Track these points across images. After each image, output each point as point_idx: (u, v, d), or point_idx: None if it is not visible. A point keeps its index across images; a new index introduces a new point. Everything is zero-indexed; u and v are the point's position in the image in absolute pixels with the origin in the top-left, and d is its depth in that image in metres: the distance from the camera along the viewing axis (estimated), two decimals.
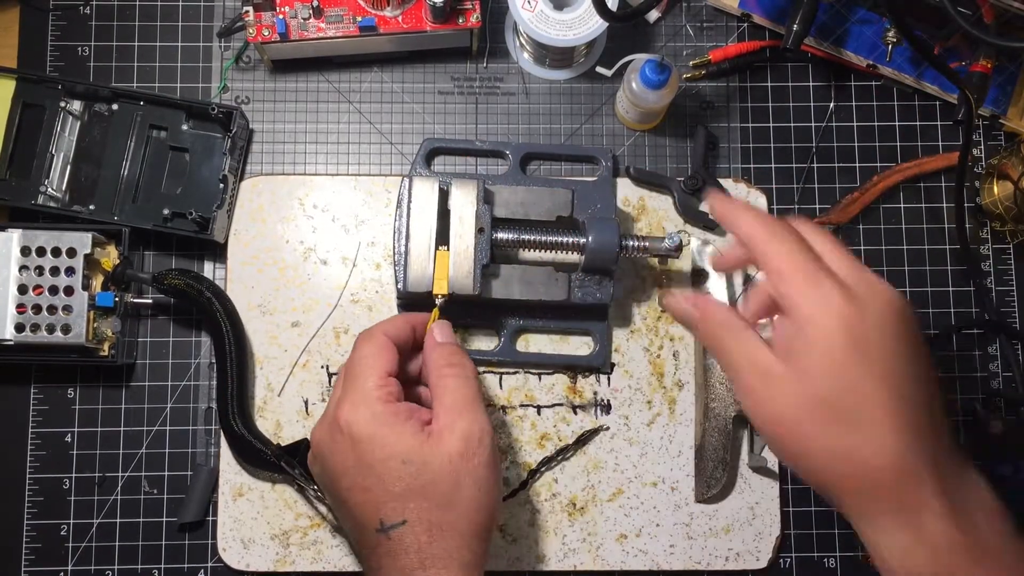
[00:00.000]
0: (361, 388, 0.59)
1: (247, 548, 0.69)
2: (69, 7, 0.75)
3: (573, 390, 0.72)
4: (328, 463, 0.60)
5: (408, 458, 0.57)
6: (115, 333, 0.69)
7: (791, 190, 0.75)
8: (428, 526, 0.57)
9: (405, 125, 0.75)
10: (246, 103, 0.75)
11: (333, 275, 0.72)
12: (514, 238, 0.68)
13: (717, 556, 0.70)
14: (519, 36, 0.74)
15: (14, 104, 0.70)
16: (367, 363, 0.60)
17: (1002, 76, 0.74)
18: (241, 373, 0.69)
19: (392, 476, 0.57)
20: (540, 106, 0.75)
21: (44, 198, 0.70)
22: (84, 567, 0.70)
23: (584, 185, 0.72)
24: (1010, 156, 0.72)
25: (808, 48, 0.75)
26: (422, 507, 0.57)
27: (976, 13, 0.68)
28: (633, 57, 0.69)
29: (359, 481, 0.58)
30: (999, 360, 0.74)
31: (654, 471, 0.71)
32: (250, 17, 0.70)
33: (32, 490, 0.71)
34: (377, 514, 0.57)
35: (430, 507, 0.57)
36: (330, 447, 0.60)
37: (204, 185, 0.71)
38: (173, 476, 0.71)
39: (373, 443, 0.58)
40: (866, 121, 0.76)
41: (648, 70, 0.68)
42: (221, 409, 0.68)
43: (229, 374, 0.68)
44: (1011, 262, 0.75)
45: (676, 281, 0.73)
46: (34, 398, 0.71)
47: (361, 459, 0.58)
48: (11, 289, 0.66)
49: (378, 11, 0.71)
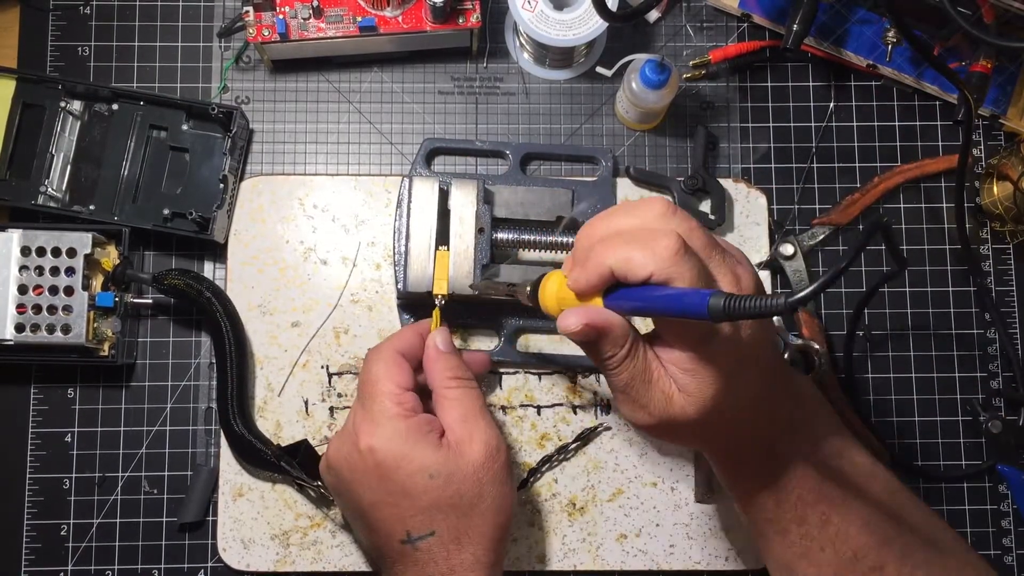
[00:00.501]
0: (379, 407, 0.59)
1: (247, 548, 0.69)
2: (69, 7, 0.75)
3: (573, 390, 0.72)
4: (348, 481, 0.60)
5: (434, 472, 0.57)
6: (115, 333, 0.69)
7: (791, 190, 0.75)
8: (455, 534, 0.58)
9: (405, 125, 0.75)
10: (246, 103, 0.75)
11: (333, 275, 0.72)
12: (514, 238, 0.68)
13: (717, 556, 0.70)
14: (519, 36, 0.74)
15: (14, 104, 0.70)
16: (381, 381, 0.60)
17: (1002, 76, 0.74)
18: (241, 373, 0.69)
19: (418, 490, 0.57)
20: (540, 106, 0.75)
21: (44, 198, 0.70)
22: (84, 567, 0.70)
23: (584, 185, 0.72)
24: (1010, 156, 0.72)
25: (808, 48, 0.75)
26: (449, 517, 0.58)
27: (976, 13, 0.68)
28: (633, 57, 0.69)
29: (384, 497, 0.58)
30: (999, 360, 0.74)
31: (654, 471, 0.71)
32: (250, 17, 0.70)
33: (32, 490, 0.71)
34: (403, 526, 0.58)
35: (456, 516, 0.58)
36: (350, 465, 0.59)
37: (204, 185, 0.71)
38: (173, 476, 0.71)
39: (398, 461, 0.58)
40: (866, 121, 0.76)
41: (648, 70, 0.68)
42: (221, 409, 0.68)
43: (229, 374, 0.68)
44: (1011, 262, 0.75)
45: None
46: (34, 398, 0.71)
47: (386, 477, 0.58)
48: (11, 289, 0.66)
49: (378, 11, 0.71)
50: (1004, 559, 0.72)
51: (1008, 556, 0.72)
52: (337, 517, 0.69)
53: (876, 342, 0.73)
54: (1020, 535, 0.72)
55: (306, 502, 0.70)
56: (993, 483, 0.73)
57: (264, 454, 0.67)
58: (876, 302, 0.74)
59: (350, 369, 0.71)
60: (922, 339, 0.74)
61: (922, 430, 0.73)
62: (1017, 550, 0.72)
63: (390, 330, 0.71)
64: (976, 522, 0.72)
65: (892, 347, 0.74)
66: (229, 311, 0.69)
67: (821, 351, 0.68)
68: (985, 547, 0.72)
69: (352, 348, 0.71)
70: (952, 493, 0.73)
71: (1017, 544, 0.72)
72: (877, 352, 0.74)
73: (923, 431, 0.73)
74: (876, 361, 0.74)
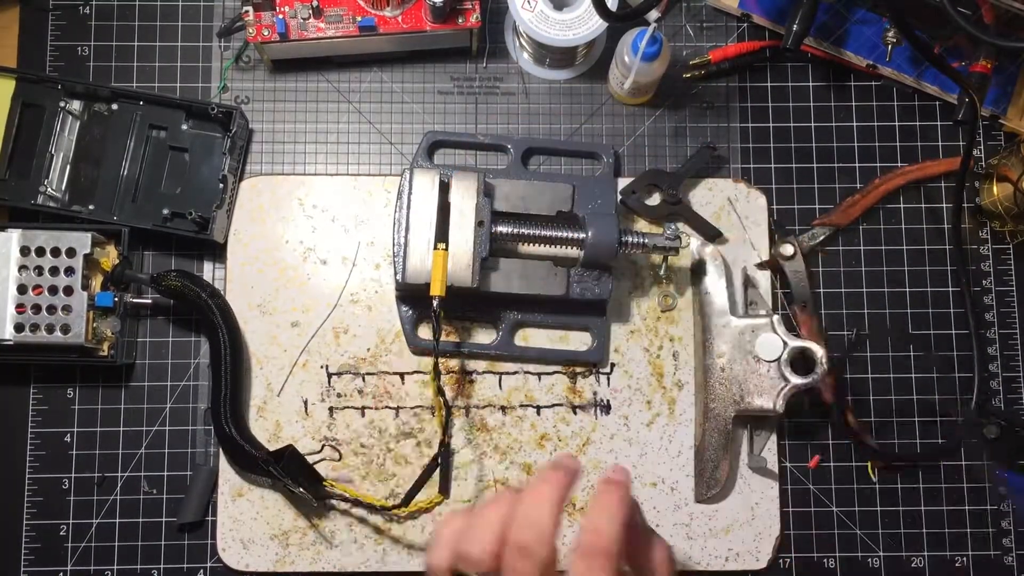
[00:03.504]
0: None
1: (247, 548, 0.69)
2: (69, 7, 0.75)
3: (573, 390, 0.72)
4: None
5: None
6: (114, 333, 0.69)
7: (791, 190, 0.75)
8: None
9: (405, 125, 0.75)
10: (246, 103, 0.75)
11: (333, 275, 0.72)
12: (514, 232, 0.68)
13: (717, 556, 0.70)
14: (519, 36, 0.74)
15: (14, 104, 0.70)
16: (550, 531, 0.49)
17: (1002, 76, 0.74)
18: (235, 377, 0.69)
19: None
20: (540, 106, 0.75)
21: (44, 198, 0.70)
22: (84, 567, 0.70)
23: (585, 181, 0.72)
24: (1009, 157, 0.72)
25: (808, 48, 0.75)
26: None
27: (976, 13, 0.68)
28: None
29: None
30: (999, 360, 0.74)
31: (654, 471, 0.71)
32: (250, 17, 0.70)
33: (32, 490, 0.71)
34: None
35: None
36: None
37: (204, 185, 0.71)
38: (172, 476, 0.71)
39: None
40: (866, 121, 0.76)
41: (639, 42, 0.67)
42: (215, 413, 0.68)
43: (223, 379, 0.68)
44: (1011, 262, 0.75)
45: (676, 280, 0.73)
46: (33, 398, 0.71)
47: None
48: (11, 289, 0.66)
49: (378, 11, 0.71)
50: (1004, 559, 0.72)
51: (1008, 556, 0.72)
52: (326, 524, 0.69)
53: (875, 342, 0.73)
54: (1020, 535, 0.72)
55: (294, 506, 0.70)
56: (993, 483, 0.73)
57: (251, 457, 0.67)
58: (876, 302, 0.74)
59: (349, 369, 0.71)
60: (922, 339, 0.74)
61: (922, 430, 0.73)
62: (1017, 550, 0.72)
63: (390, 330, 0.71)
64: (976, 522, 0.72)
65: (892, 347, 0.74)
66: (225, 314, 0.69)
67: (820, 352, 0.68)
68: (985, 547, 0.72)
69: (352, 348, 0.71)
70: (952, 493, 0.72)
71: (1017, 544, 0.72)
72: (877, 352, 0.74)
73: (923, 431, 0.73)
74: (876, 361, 0.74)
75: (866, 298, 0.74)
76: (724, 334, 0.70)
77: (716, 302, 0.71)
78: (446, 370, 0.71)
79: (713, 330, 0.70)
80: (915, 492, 0.72)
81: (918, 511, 0.72)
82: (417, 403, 0.71)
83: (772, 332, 0.69)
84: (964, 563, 0.72)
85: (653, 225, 0.73)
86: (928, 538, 0.72)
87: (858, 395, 0.73)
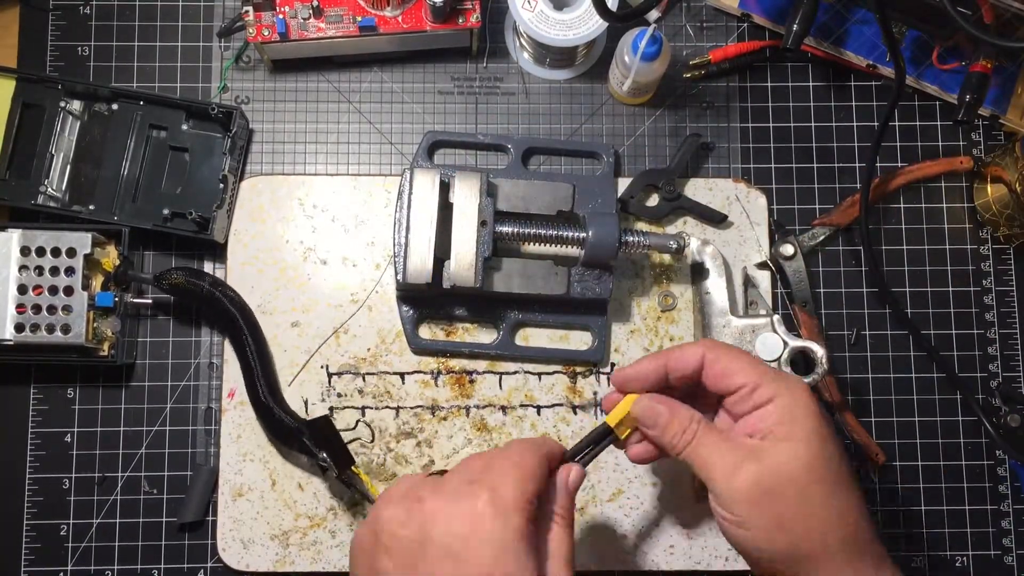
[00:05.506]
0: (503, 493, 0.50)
1: (247, 548, 0.69)
2: (69, 7, 0.75)
3: (573, 390, 0.72)
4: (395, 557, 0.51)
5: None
6: (115, 333, 0.69)
7: (791, 190, 0.75)
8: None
9: (405, 125, 0.75)
10: (246, 103, 0.75)
11: (333, 275, 0.72)
12: (515, 231, 0.68)
13: (717, 556, 0.70)
14: (519, 36, 0.74)
15: (14, 104, 0.70)
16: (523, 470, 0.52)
17: (1002, 76, 0.74)
18: (262, 354, 0.69)
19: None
20: (540, 106, 0.75)
21: (44, 198, 0.70)
22: (84, 567, 0.70)
23: (585, 180, 0.72)
24: (1003, 157, 0.72)
25: (808, 48, 0.75)
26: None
27: (976, 13, 0.68)
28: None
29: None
30: (999, 360, 0.74)
31: (654, 471, 0.71)
32: (250, 17, 0.70)
33: (32, 490, 0.71)
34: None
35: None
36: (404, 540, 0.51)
37: (204, 185, 0.71)
38: (173, 476, 0.71)
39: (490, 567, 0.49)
40: (866, 121, 0.76)
41: (639, 42, 0.67)
42: (250, 386, 0.68)
43: (251, 358, 0.68)
44: (1011, 262, 0.75)
45: (676, 279, 0.73)
46: (34, 398, 0.71)
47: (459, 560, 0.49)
48: (11, 289, 0.66)
49: (378, 11, 0.71)
50: (1004, 559, 0.72)
51: (1008, 556, 0.72)
52: (326, 524, 0.69)
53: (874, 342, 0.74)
54: (1020, 535, 0.72)
55: (306, 502, 0.70)
56: (993, 483, 0.73)
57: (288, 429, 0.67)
58: (876, 302, 0.74)
59: (349, 369, 0.71)
60: (922, 339, 0.74)
61: (922, 430, 0.73)
62: (1017, 550, 0.72)
63: (390, 330, 0.71)
64: (976, 522, 0.72)
65: (892, 347, 0.74)
66: (234, 298, 0.69)
67: (820, 351, 0.68)
68: (985, 547, 0.72)
69: (352, 348, 0.71)
70: (952, 493, 0.72)
71: (1017, 544, 0.72)
72: (877, 352, 0.74)
73: (923, 431, 0.73)
74: (876, 361, 0.74)
75: (866, 298, 0.74)
76: (724, 334, 0.70)
77: (716, 302, 0.71)
78: (446, 370, 0.71)
79: (713, 330, 0.70)
80: (915, 492, 0.72)
81: (918, 511, 0.72)
82: (417, 403, 0.71)
83: (772, 332, 0.69)
84: (964, 563, 0.72)
85: (655, 225, 0.73)
86: (928, 538, 0.72)
87: (858, 395, 0.73)
